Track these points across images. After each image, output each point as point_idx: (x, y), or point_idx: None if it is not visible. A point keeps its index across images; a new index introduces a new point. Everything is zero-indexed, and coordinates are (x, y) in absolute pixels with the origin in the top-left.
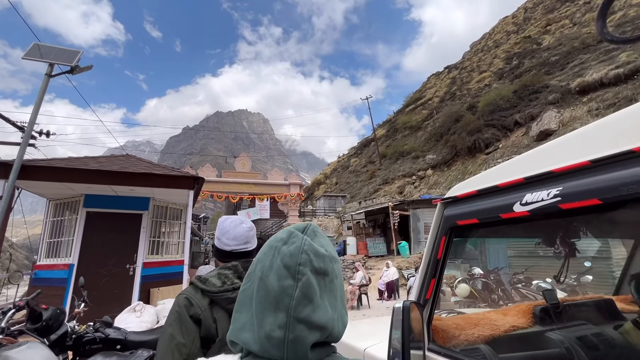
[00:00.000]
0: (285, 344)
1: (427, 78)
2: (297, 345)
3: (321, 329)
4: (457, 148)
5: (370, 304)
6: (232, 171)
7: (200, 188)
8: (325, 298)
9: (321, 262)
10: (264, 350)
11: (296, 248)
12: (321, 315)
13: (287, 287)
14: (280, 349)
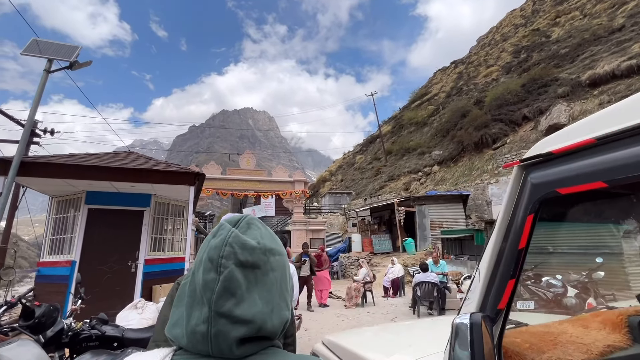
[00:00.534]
0: (208, 339)
1: (433, 73)
2: (220, 339)
3: (246, 323)
4: (463, 143)
5: (375, 301)
6: (237, 168)
7: (202, 184)
8: (254, 292)
9: (248, 255)
10: (192, 345)
11: (221, 241)
12: (246, 310)
13: (210, 280)
14: (205, 344)
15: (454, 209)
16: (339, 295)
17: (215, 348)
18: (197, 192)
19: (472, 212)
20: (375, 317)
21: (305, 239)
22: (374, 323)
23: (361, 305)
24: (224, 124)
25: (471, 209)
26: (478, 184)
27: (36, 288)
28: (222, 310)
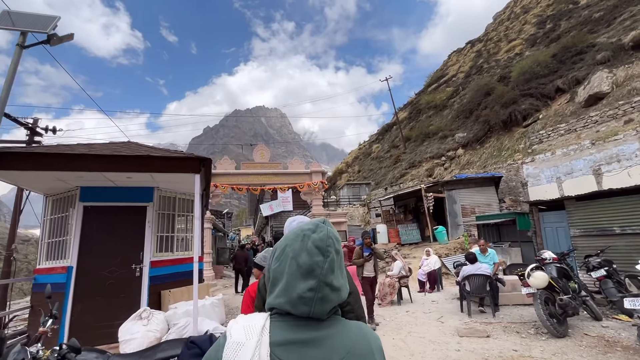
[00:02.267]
0: (314, 301)
1: (448, 56)
2: (324, 302)
3: (338, 291)
4: (490, 123)
5: (412, 298)
6: (251, 162)
7: (209, 172)
8: (339, 270)
9: (338, 246)
10: (295, 309)
11: (325, 235)
12: (339, 282)
13: (319, 262)
14: (309, 306)
15: (486, 193)
16: None
17: (316, 309)
18: (205, 182)
19: (505, 195)
20: (417, 316)
21: None
22: (417, 324)
23: (397, 303)
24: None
25: (504, 191)
26: (510, 165)
27: (33, 299)
28: (327, 281)
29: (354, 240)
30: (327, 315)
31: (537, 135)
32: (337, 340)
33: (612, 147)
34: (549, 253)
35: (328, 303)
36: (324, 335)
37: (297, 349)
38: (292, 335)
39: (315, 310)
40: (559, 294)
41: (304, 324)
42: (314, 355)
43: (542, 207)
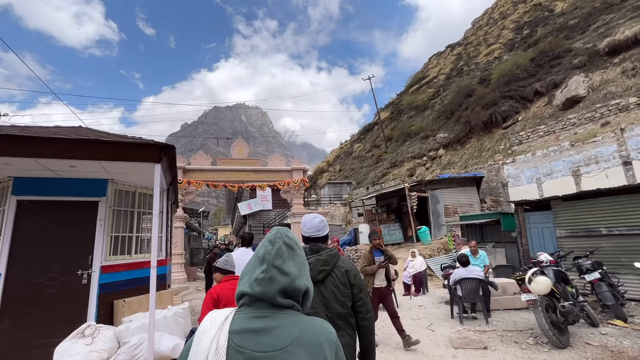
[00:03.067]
0: (264, 281)
1: (429, 59)
2: (272, 281)
3: (287, 275)
4: (471, 124)
5: (398, 303)
6: (228, 158)
7: (173, 162)
8: (290, 260)
9: (289, 241)
10: (252, 290)
11: (275, 231)
12: (287, 267)
13: (268, 249)
14: (261, 285)
15: (468, 193)
16: None
17: (266, 287)
18: (171, 175)
19: (486, 195)
20: (405, 324)
21: None
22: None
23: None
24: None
25: (485, 192)
26: (491, 165)
27: None
28: (275, 264)
29: (337, 241)
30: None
31: (517, 136)
32: (284, 330)
33: (591, 149)
34: (545, 255)
35: (276, 283)
36: (276, 325)
37: (251, 337)
38: (248, 325)
39: (265, 289)
40: (559, 300)
41: (262, 315)
42: (264, 342)
43: (527, 207)
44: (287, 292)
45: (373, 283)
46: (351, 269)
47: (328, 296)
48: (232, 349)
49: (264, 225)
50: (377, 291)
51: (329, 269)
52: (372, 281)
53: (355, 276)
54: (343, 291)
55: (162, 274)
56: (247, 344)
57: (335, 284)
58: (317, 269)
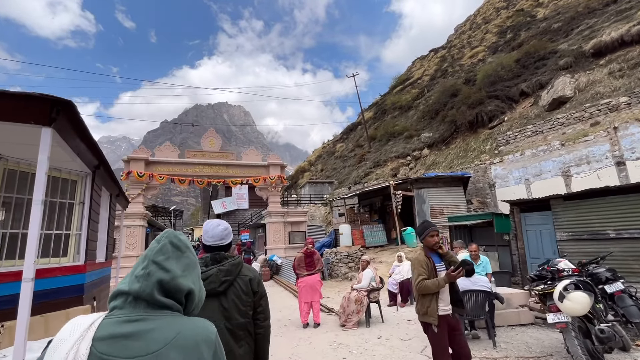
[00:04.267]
0: (142, 277)
1: (412, 62)
2: (150, 276)
3: (167, 271)
4: (456, 123)
5: (383, 316)
6: (198, 150)
7: (82, 129)
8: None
9: (177, 241)
10: (130, 287)
11: (164, 232)
12: (168, 264)
13: (153, 247)
14: (139, 282)
15: (454, 193)
16: (330, 308)
17: (144, 285)
18: (93, 152)
19: (472, 196)
20: (394, 346)
21: (283, 233)
22: (395, 358)
23: (365, 324)
24: (198, 119)
25: (471, 193)
26: (478, 165)
27: None
28: (155, 259)
29: (312, 243)
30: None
31: (503, 136)
32: (158, 333)
33: (582, 149)
34: (565, 262)
35: (153, 277)
36: (148, 328)
37: (120, 342)
38: (117, 330)
39: (143, 285)
40: (592, 320)
41: (135, 319)
42: (134, 346)
43: (524, 207)
44: (166, 290)
45: (437, 308)
46: (254, 276)
47: (229, 307)
48: (95, 357)
49: (239, 226)
50: (444, 321)
51: (232, 279)
52: (434, 305)
53: (258, 283)
54: (245, 300)
55: (77, 285)
56: (113, 351)
57: (237, 293)
58: (218, 280)
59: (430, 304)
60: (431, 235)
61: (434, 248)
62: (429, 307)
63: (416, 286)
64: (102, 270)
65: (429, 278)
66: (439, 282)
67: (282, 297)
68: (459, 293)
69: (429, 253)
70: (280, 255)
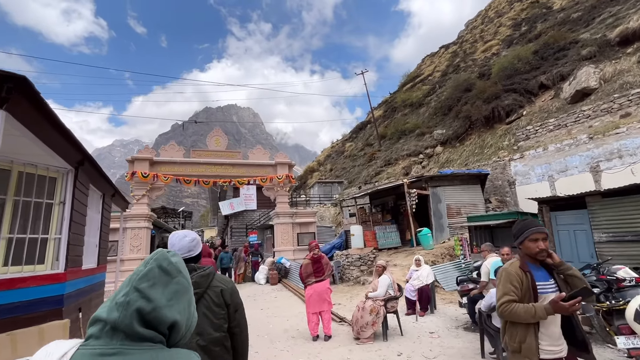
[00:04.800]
0: (122, 305)
1: (422, 59)
2: (129, 305)
3: (149, 301)
4: (471, 119)
5: (402, 328)
6: (204, 150)
7: (47, 113)
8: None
9: (168, 265)
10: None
11: (154, 253)
12: (153, 293)
13: (139, 270)
14: (118, 310)
15: (471, 192)
16: (342, 317)
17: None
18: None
19: (490, 195)
20: None
21: (292, 235)
22: None
23: (382, 337)
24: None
25: (489, 191)
26: (496, 162)
27: None
28: (138, 286)
29: (317, 246)
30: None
31: (523, 131)
32: None
33: (613, 142)
34: (626, 271)
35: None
36: None
37: None
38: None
39: (121, 315)
40: None
41: (111, 351)
42: None
43: (553, 205)
44: (147, 321)
45: (536, 346)
46: (227, 287)
47: (201, 322)
48: None
49: (247, 227)
50: None
51: (201, 291)
52: (532, 341)
53: (231, 295)
54: (217, 313)
55: (54, 297)
56: None
57: (207, 306)
58: None
59: (525, 338)
60: (534, 239)
61: (538, 258)
62: (524, 343)
63: (499, 309)
64: (90, 278)
65: (520, 301)
66: (535, 310)
67: (290, 303)
68: (579, 327)
69: (527, 264)
70: (289, 258)
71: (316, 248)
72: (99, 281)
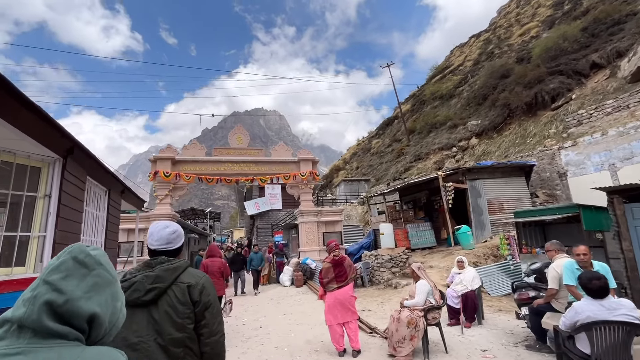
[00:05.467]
0: (28, 300)
1: (451, 51)
2: (36, 300)
3: (60, 293)
4: (510, 107)
5: (446, 343)
6: (226, 147)
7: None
8: (75, 278)
9: (82, 257)
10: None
11: (69, 247)
12: (66, 284)
13: (50, 264)
14: (25, 305)
15: (515, 185)
16: (373, 327)
17: (29, 310)
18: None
19: (536, 188)
20: None
21: (317, 234)
22: None
23: (423, 354)
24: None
25: (534, 184)
26: (542, 152)
27: None
28: (48, 279)
29: (337, 246)
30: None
31: (574, 116)
32: None
33: None
34: None
35: (39, 300)
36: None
37: None
38: None
39: (28, 310)
40: None
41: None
42: None
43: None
44: (59, 314)
45: None
46: (196, 283)
47: (161, 319)
48: None
49: (272, 227)
50: None
51: (163, 286)
52: None
53: (201, 292)
54: (181, 311)
55: None
56: None
57: (170, 303)
58: (143, 287)
59: None
60: None
61: None
62: None
63: None
64: None
65: None
66: None
67: (315, 308)
68: None
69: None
70: (314, 258)
71: (336, 249)
72: None
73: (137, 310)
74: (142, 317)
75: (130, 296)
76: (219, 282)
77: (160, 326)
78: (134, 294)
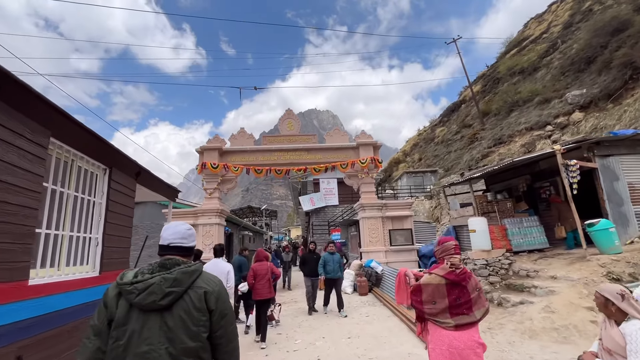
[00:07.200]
0: None
1: (525, 24)
2: None
3: None
4: (633, 66)
5: None
6: (276, 135)
7: None
8: None
9: None
10: None
11: None
12: None
13: None
14: None
15: None
16: None
17: None
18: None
19: None
20: None
21: (382, 232)
22: None
23: None
24: None
25: None
26: None
27: None
28: None
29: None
30: None
31: None
32: None
33: None
34: None
35: None
36: None
37: None
38: None
39: None
40: None
41: None
42: None
43: None
44: None
45: None
46: (213, 290)
47: (174, 326)
48: None
49: (329, 224)
50: None
51: (180, 290)
52: None
53: (217, 299)
54: (197, 319)
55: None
56: None
57: (186, 309)
58: (161, 290)
59: None
60: None
61: None
62: None
63: None
64: (70, 296)
65: None
66: None
67: (389, 328)
68: None
69: None
70: (380, 261)
71: (456, 253)
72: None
73: (149, 316)
74: (154, 322)
75: (145, 299)
76: (267, 285)
77: (174, 333)
78: (149, 297)
